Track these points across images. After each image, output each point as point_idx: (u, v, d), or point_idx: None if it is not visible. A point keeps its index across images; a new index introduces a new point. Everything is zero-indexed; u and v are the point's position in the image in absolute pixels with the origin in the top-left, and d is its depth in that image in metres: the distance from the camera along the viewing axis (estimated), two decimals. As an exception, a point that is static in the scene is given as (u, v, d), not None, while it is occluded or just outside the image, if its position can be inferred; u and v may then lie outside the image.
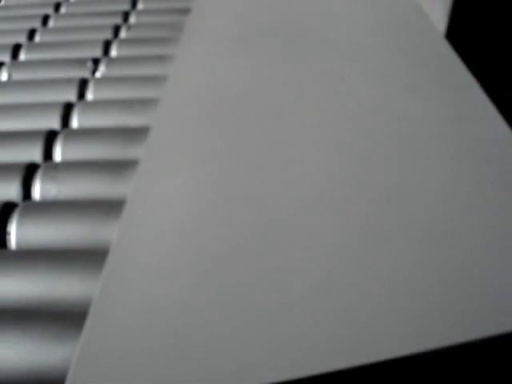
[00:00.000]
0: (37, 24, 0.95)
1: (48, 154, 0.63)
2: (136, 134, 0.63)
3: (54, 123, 0.68)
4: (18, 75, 0.80)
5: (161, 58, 0.78)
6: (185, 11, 0.91)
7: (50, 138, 0.63)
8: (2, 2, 1.06)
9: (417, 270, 0.40)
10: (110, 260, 0.43)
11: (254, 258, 0.42)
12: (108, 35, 0.88)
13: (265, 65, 0.66)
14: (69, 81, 0.74)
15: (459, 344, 0.35)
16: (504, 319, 0.37)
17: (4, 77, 0.80)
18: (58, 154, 0.63)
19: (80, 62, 0.79)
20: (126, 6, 0.98)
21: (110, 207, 0.53)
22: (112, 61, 0.79)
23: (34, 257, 0.49)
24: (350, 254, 0.42)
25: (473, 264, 0.40)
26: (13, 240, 0.52)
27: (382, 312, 0.37)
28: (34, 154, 0.63)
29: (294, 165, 0.51)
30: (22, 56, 0.86)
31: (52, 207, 0.54)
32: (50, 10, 1.00)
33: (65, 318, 0.44)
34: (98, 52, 0.83)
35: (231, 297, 0.39)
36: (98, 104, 0.69)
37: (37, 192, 0.58)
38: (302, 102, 0.59)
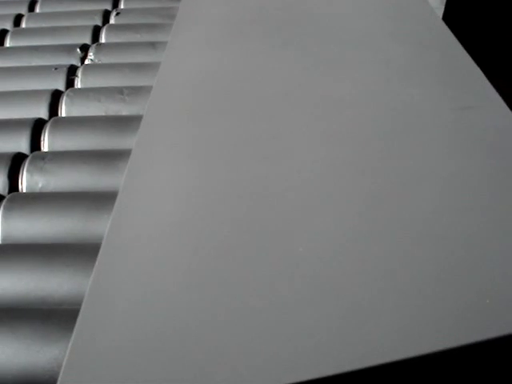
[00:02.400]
0: (23, 10, 0.92)
1: (36, 144, 0.60)
2: (128, 122, 0.60)
3: (42, 112, 0.65)
4: (4, 62, 0.77)
5: (153, 45, 0.75)
6: (176, -3, 0.88)
7: (37, 127, 0.61)
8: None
9: (419, 266, 0.38)
10: (102, 255, 0.40)
11: (250, 252, 0.40)
12: (97, 21, 0.85)
13: (261, 52, 0.64)
14: (56, 68, 0.71)
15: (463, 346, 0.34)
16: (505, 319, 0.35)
17: (-11, 64, 0.77)
18: (45, 144, 0.60)
19: (68, 49, 0.77)
20: (116, -8, 0.95)
21: (101, 199, 0.51)
22: (102, 47, 0.76)
23: (22, 251, 0.47)
24: (351, 248, 0.40)
25: (475, 259, 0.38)
26: (-2, 234, 0.50)
27: (383, 312, 0.36)
28: (21, 143, 0.60)
29: (292, 154, 0.49)
30: (8, 42, 0.83)
31: (40, 199, 0.52)
32: (36, -4, 0.97)
33: (54, 317, 0.41)
34: (87, 39, 0.81)
35: (225, 292, 0.37)
36: (87, 91, 0.66)
37: (24, 183, 0.55)
38: (300, 89, 0.57)
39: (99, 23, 0.85)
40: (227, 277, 0.38)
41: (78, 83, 0.70)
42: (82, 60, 0.75)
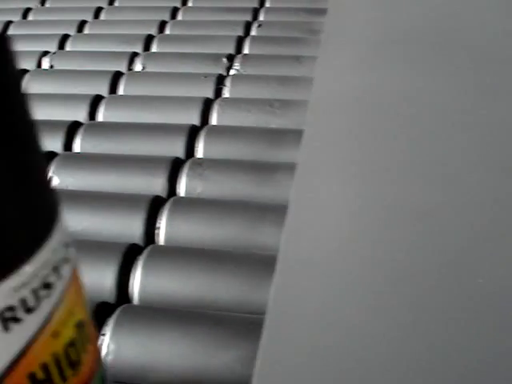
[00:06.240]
0: (166, 16, 0.96)
1: (190, 150, 0.62)
2: (281, 135, 0.61)
3: (194, 119, 0.67)
4: (152, 67, 0.80)
5: (297, 59, 0.76)
6: (318, 11, 0.89)
7: (192, 133, 0.63)
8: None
9: None
10: (281, 266, 0.41)
11: (425, 276, 0.40)
12: (239, 32, 0.87)
13: (416, 72, 0.63)
14: (206, 76, 0.74)
15: None
16: None
17: (138, 68, 0.80)
18: (200, 151, 0.62)
19: (214, 58, 0.79)
20: (255, 4, 0.97)
21: (262, 210, 0.52)
22: (247, 58, 0.78)
23: (188, 255, 0.48)
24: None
25: None
26: (161, 235, 0.52)
27: None
28: (177, 148, 0.62)
29: (458, 179, 0.49)
30: (154, 48, 0.86)
31: (201, 204, 0.54)
32: (177, 3, 1.00)
33: (225, 322, 0.43)
34: (230, 49, 0.83)
35: (409, 312, 0.37)
36: (237, 101, 0.68)
37: (182, 188, 0.57)
38: (461, 114, 0.56)
39: (241, 34, 0.87)
40: (411, 296, 0.38)
41: (226, 93, 0.72)
42: (228, 70, 0.77)
